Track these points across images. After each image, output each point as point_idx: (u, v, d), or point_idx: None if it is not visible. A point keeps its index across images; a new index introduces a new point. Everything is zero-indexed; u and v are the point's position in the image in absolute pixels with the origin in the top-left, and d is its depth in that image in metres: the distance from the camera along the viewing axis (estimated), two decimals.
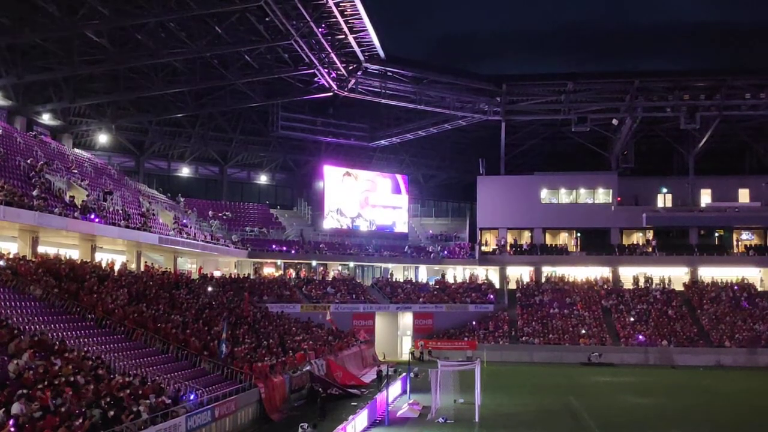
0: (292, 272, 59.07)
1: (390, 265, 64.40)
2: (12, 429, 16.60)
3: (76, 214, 34.56)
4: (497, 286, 63.25)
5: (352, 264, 62.98)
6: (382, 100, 59.69)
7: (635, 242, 66.13)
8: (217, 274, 52.64)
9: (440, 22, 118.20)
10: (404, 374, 36.23)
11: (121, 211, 40.27)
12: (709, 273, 62.89)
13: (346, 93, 57.25)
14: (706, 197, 67.36)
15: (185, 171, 63.99)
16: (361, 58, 53.87)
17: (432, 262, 65.13)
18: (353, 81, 56.59)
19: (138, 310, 31.77)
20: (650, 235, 65.18)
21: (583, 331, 55.02)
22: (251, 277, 55.64)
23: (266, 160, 68.23)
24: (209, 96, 55.40)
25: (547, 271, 64.81)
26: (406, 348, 55.14)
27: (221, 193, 65.27)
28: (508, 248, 65.51)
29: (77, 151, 51.61)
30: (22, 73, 42.39)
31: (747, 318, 55.91)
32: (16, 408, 17.40)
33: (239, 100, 56.01)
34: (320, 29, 46.56)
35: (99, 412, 19.04)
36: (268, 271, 58.71)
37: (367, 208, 66.25)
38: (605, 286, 62.45)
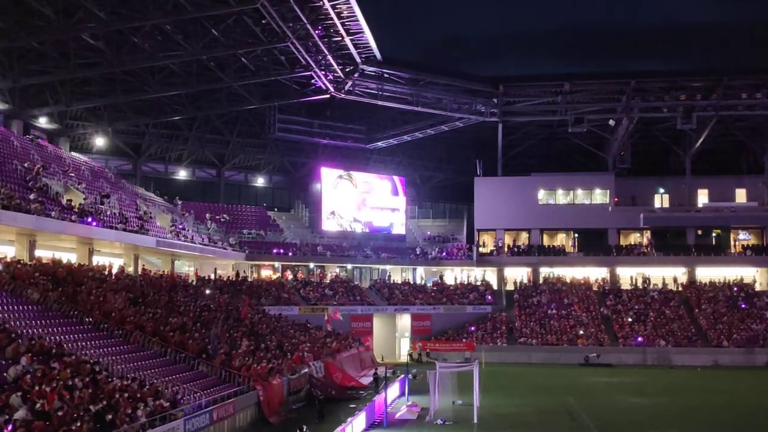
0: (289, 274, 59.00)
1: (388, 267, 64.35)
2: None
3: (73, 217, 34.49)
4: (495, 287, 63.29)
5: (350, 266, 62.86)
6: (379, 102, 59.71)
7: (633, 243, 66.19)
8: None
9: (437, 24, 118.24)
10: (402, 376, 36.22)
11: (118, 214, 40.20)
12: (706, 273, 62.97)
13: (342, 95, 57.25)
14: (703, 197, 67.48)
15: (182, 174, 63.93)
16: (358, 59, 53.92)
17: (430, 263, 65.07)
18: (350, 83, 56.64)
19: (136, 313, 31.74)
20: (648, 235, 65.25)
21: (581, 332, 55.05)
22: (249, 279, 55.58)
23: (263, 162, 68.20)
24: (206, 98, 55.40)
25: (544, 271, 64.83)
26: (404, 349, 55.15)
27: (219, 196, 65.17)
28: (506, 249, 65.58)
29: (74, 154, 51.56)
30: (18, 76, 42.33)
31: (745, 318, 56.01)
32: (18, 413, 17.38)
33: (236, 102, 55.95)
34: (317, 31, 46.58)
35: (94, 416, 19.01)
36: (266, 273, 58.66)
37: (365, 210, 66.13)
38: (603, 287, 62.54)
